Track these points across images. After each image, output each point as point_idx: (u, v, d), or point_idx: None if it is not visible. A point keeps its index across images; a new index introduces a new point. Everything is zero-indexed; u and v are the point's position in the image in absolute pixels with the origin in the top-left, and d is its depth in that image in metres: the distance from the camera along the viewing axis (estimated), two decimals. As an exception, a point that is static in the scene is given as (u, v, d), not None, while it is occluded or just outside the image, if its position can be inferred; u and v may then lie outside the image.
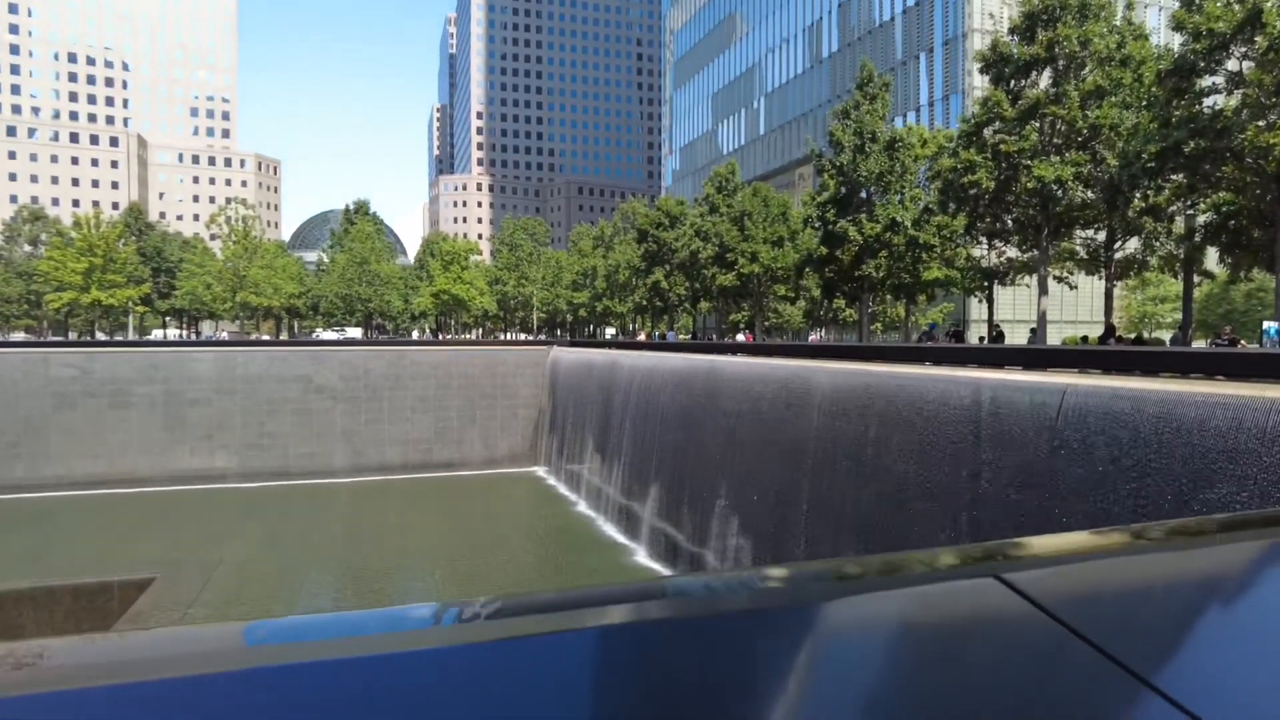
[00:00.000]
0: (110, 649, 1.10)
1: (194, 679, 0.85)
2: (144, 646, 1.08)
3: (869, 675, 0.97)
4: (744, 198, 46.81)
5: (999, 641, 1.06)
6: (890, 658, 1.02)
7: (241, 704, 0.80)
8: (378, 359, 28.87)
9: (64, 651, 1.07)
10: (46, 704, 0.80)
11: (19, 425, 25.08)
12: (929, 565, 1.33)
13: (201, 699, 0.81)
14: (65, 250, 60.99)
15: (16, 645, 0.98)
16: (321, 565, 18.27)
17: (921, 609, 1.14)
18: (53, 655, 1.04)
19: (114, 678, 0.88)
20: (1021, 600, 1.08)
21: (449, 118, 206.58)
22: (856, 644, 1.07)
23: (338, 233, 75.91)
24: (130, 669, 0.92)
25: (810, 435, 11.97)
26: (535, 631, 1.03)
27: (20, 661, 0.97)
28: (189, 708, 0.79)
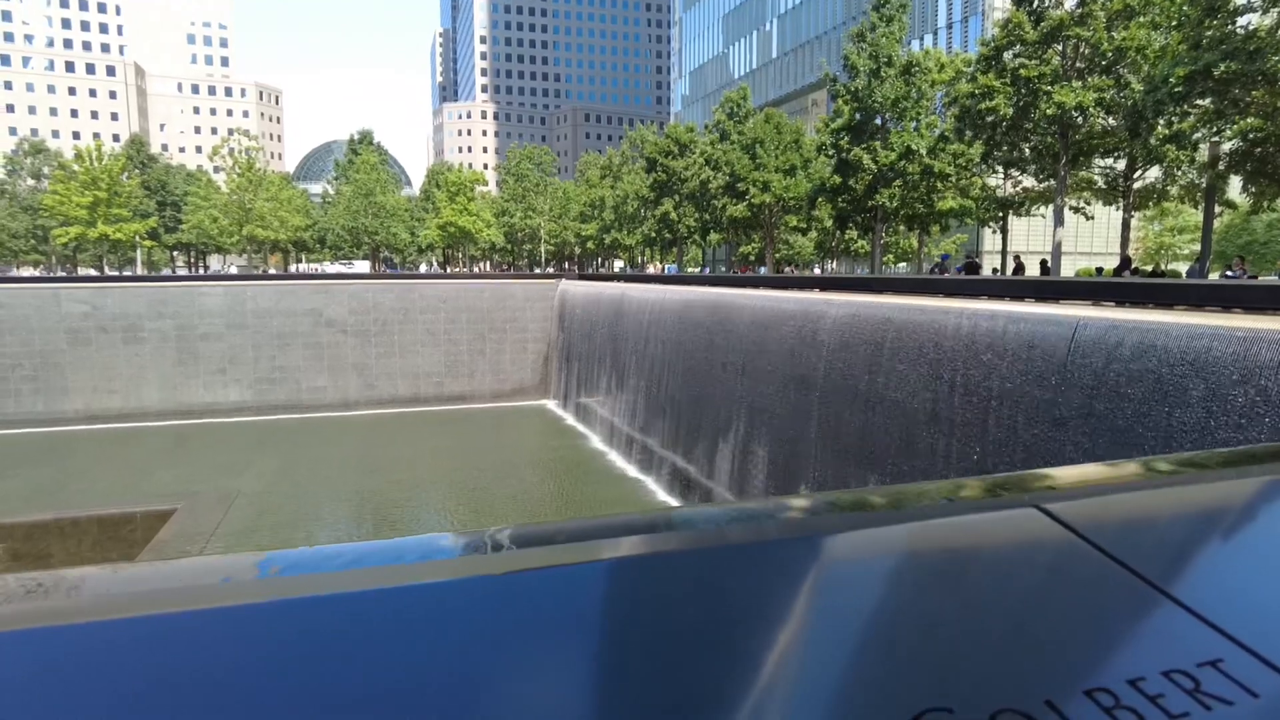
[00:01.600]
0: (138, 579, 1.12)
1: (219, 610, 0.87)
2: (169, 577, 1.10)
3: (907, 604, 0.97)
4: (756, 124, 45.76)
5: (1045, 570, 1.07)
6: (927, 587, 1.02)
7: (263, 635, 0.82)
8: (387, 292, 28.85)
9: (94, 581, 1.09)
10: (78, 635, 0.82)
11: (36, 360, 25.34)
12: (960, 494, 1.32)
13: (225, 630, 0.83)
14: (69, 184, 60.51)
15: (45, 574, 1.01)
16: (336, 496, 18.63)
17: (965, 537, 1.14)
18: (83, 585, 1.06)
19: (143, 609, 0.90)
20: (1064, 530, 1.08)
21: (452, 43, 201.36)
22: (885, 572, 1.06)
23: (342, 164, 74.97)
24: (157, 600, 0.94)
25: (820, 368, 11.96)
26: (544, 564, 1.04)
27: (51, 591, 0.99)
28: (215, 639, 0.81)
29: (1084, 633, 0.90)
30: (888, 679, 0.80)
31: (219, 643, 0.81)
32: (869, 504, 1.32)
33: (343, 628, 0.84)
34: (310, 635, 0.83)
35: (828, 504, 1.30)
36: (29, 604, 0.92)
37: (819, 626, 0.89)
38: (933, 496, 1.29)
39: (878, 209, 33.82)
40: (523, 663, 0.80)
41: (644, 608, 0.93)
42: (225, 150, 65.79)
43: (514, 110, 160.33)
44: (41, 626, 0.84)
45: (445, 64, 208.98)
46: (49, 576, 1.04)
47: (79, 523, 14.85)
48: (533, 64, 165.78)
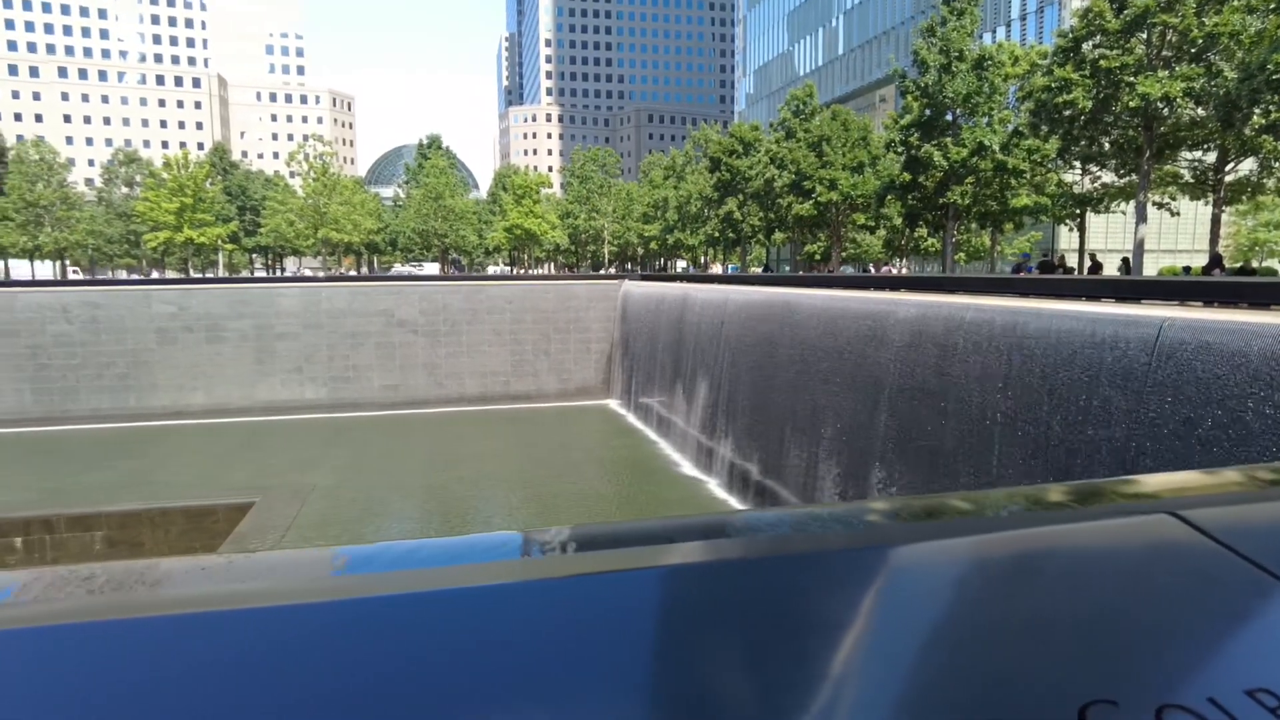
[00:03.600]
0: (219, 572, 1.16)
1: (291, 608, 0.91)
2: (248, 571, 1.15)
3: (1044, 606, 0.95)
4: (822, 122, 45.11)
5: (1188, 576, 1.04)
6: (1059, 591, 1.00)
7: (334, 631, 0.85)
8: (455, 293, 29.45)
9: (180, 572, 1.14)
10: (166, 626, 0.87)
11: (128, 358, 26.70)
12: (1083, 499, 1.28)
13: (297, 626, 0.87)
14: (158, 191, 63.58)
15: (137, 564, 1.07)
16: (406, 491, 19.10)
17: (1095, 542, 1.11)
18: (171, 576, 1.11)
19: (222, 604, 0.94)
20: (1203, 536, 1.06)
21: (517, 47, 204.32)
22: (1015, 577, 1.04)
23: (412, 168, 76.83)
24: (238, 596, 0.97)
25: (888, 369, 11.72)
26: (606, 568, 1.05)
27: (144, 581, 1.05)
28: (286, 634, 0.85)
29: (1238, 637, 0.89)
30: (1049, 672, 0.80)
31: (288, 640, 0.84)
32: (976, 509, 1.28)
33: (407, 628, 0.86)
34: (378, 634, 0.85)
35: (914, 509, 1.27)
36: (119, 595, 0.98)
37: (933, 632, 0.88)
38: (1035, 501, 1.26)
39: (949, 207, 32.97)
40: (584, 669, 0.80)
41: (707, 617, 0.92)
42: (301, 156, 68.13)
43: (578, 112, 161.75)
44: (131, 618, 0.89)
45: (511, 68, 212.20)
46: (141, 565, 1.09)
47: (167, 513, 15.58)
48: (596, 66, 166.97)
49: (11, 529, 15.06)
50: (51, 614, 0.91)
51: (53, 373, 26.21)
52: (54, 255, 71.81)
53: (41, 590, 1.02)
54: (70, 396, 26.32)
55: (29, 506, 16.29)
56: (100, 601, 0.94)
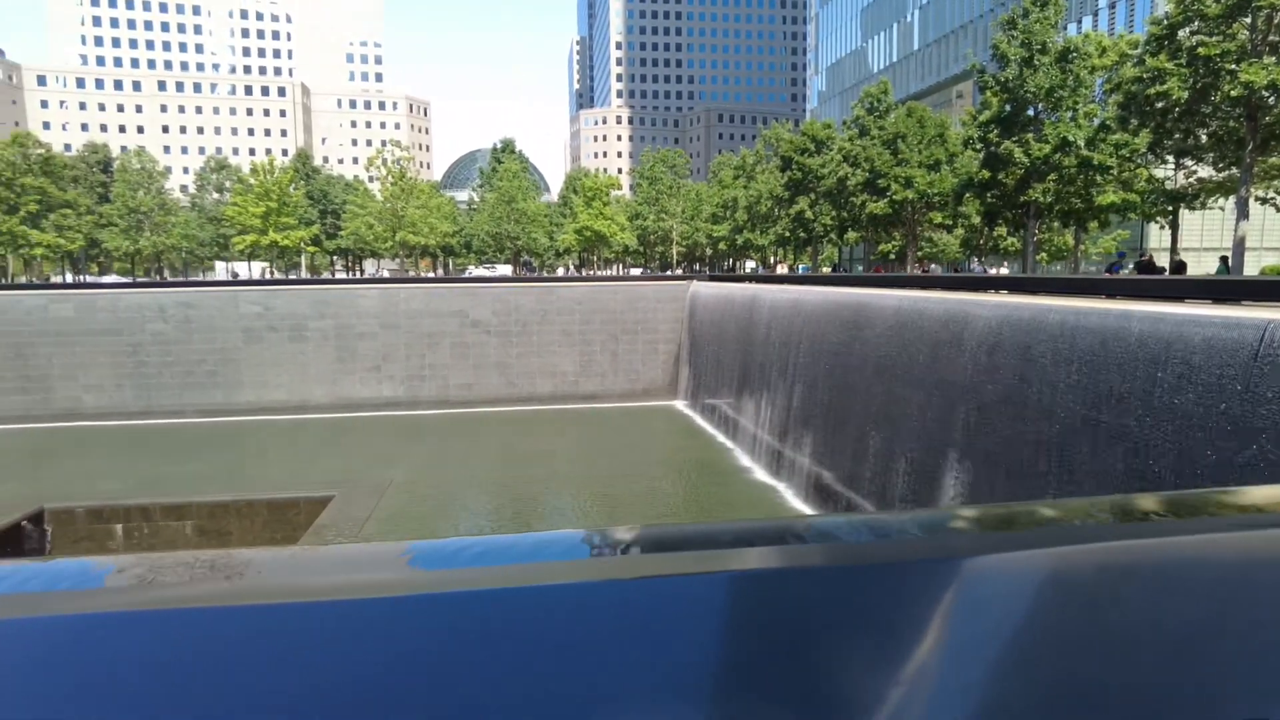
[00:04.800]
0: (300, 563, 1.21)
1: (365, 601, 0.95)
2: (327, 562, 1.19)
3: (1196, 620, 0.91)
4: (897, 119, 44.17)
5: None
6: (1209, 602, 0.94)
7: (406, 626, 0.88)
8: (526, 294, 29.90)
9: (264, 563, 1.19)
10: (250, 615, 0.92)
11: (217, 356, 28.00)
12: (1179, 510, 1.22)
13: (370, 619, 0.90)
14: (246, 196, 66.52)
15: (223, 554, 1.13)
16: (479, 487, 19.49)
17: (1188, 558, 1.06)
18: (256, 567, 1.16)
19: (301, 596, 0.97)
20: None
21: (588, 50, 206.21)
22: (1071, 596, 0.99)
23: (486, 172, 78.35)
24: (317, 588, 1.01)
25: (965, 373, 11.38)
26: (674, 571, 1.05)
27: (230, 571, 1.10)
28: (361, 626, 0.88)
29: None
30: (1136, 692, 0.77)
31: (360, 630, 0.87)
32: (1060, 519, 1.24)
33: (477, 623, 0.88)
34: (448, 629, 0.87)
35: (993, 518, 1.23)
36: (208, 584, 1.03)
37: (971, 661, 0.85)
38: (1126, 512, 1.20)
39: (1030, 205, 31.84)
40: (649, 672, 0.80)
41: (775, 625, 0.91)
42: (380, 161, 70.29)
43: (648, 114, 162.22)
44: (224, 606, 0.93)
45: (582, 71, 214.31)
46: (226, 555, 1.15)
47: (253, 505, 16.27)
48: (666, 67, 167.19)
49: (113, 516, 15.97)
50: (154, 600, 0.97)
51: (149, 369, 27.69)
52: (152, 258, 75.86)
53: (145, 574, 1.09)
54: (165, 392, 27.75)
55: (128, 495, 17.25)
56: (197, 590, 1.00)
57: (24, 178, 63.13)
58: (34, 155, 65.07)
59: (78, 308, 27.58)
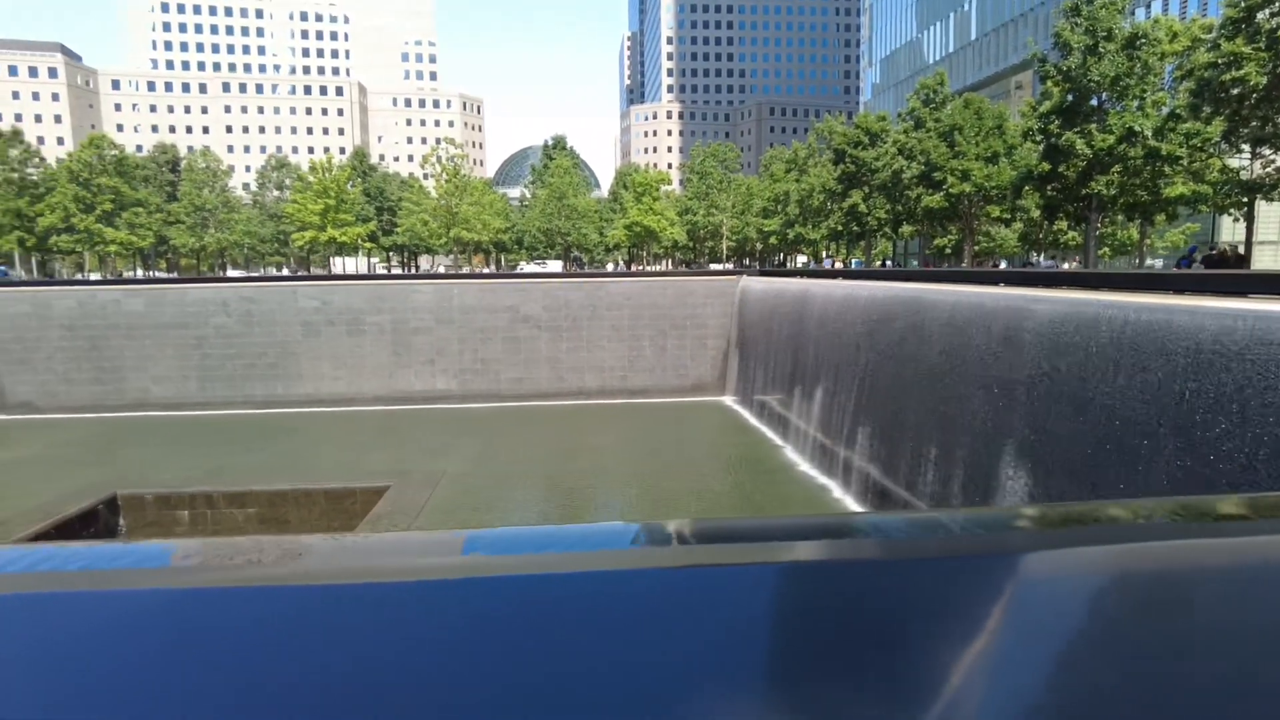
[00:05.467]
0: (358, 548, 1.24)
1: (422, 584, 0.99)
2: (382, 549, 1.22)
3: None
4: (954, 110, 43.20)
5: None
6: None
7: (458, 607, 0.92)
8: (576, 290, 30.08)
9: (323, 548, 1.23)
10: (309, 595, 0.98)
11: (277, 349, 28.83)
12: (1253, 512, 1.18)
13: (427, 600, 0.93)
14: (305, 193, 68.24)
15: (285, 539, 1.17)
16: (529, 480, 19.70)
17: (1260, 560, 1.02)
18: (315, 551, 1.20)
19: (361, 577, 1.01)
20: None
21: (639, 46, 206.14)
22: (1133, 595, 0.97)
23: (538, 168, 78.99)
24: (374, 570, 1.05)
25: (1023, 371, 11.10)
26: (720, 561, 1.05)
27: (290, 554, 1.14)
28: (417, 607, 0.92)
29: None
30: (1198, 696, 0.74)
31: (417, 611, 0.91)
32: (1122, 518, 1.21)
33: (528, 606, 0.90)
34: (499, 611, 0.90)
35: (1053, 516, 1.21)
36: (269, 567, 1.09)
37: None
38: (1195, 512, 1.17)
39: (1092, 198, 30.84)
40: (691, 660, 0.80)
41: (823, 617, 0.90)
42: (434, 158, 71.41)
43: (698, 108, 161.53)
44: (284, 585, 0.98)
45: (633, 66, 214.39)
46: (288, 540, 1.20)
47: (310, 494, 16.74)
48: (718, 61, 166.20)
49: (180, 503, 16.60)
50: (220, 579, 1.02)
51: (213, 361, 28.64)
52: (216, 254, 78.34)
53: (210, 556, 1.15)
54: (228, 383, 28.68)
55: (194, 483, 17.89)
56: (258, 571, 1.05)
57: (100, 178, 65.83)
58: (109, 156, 67.79)
59: (147, 302, 28.68)
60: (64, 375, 28.27)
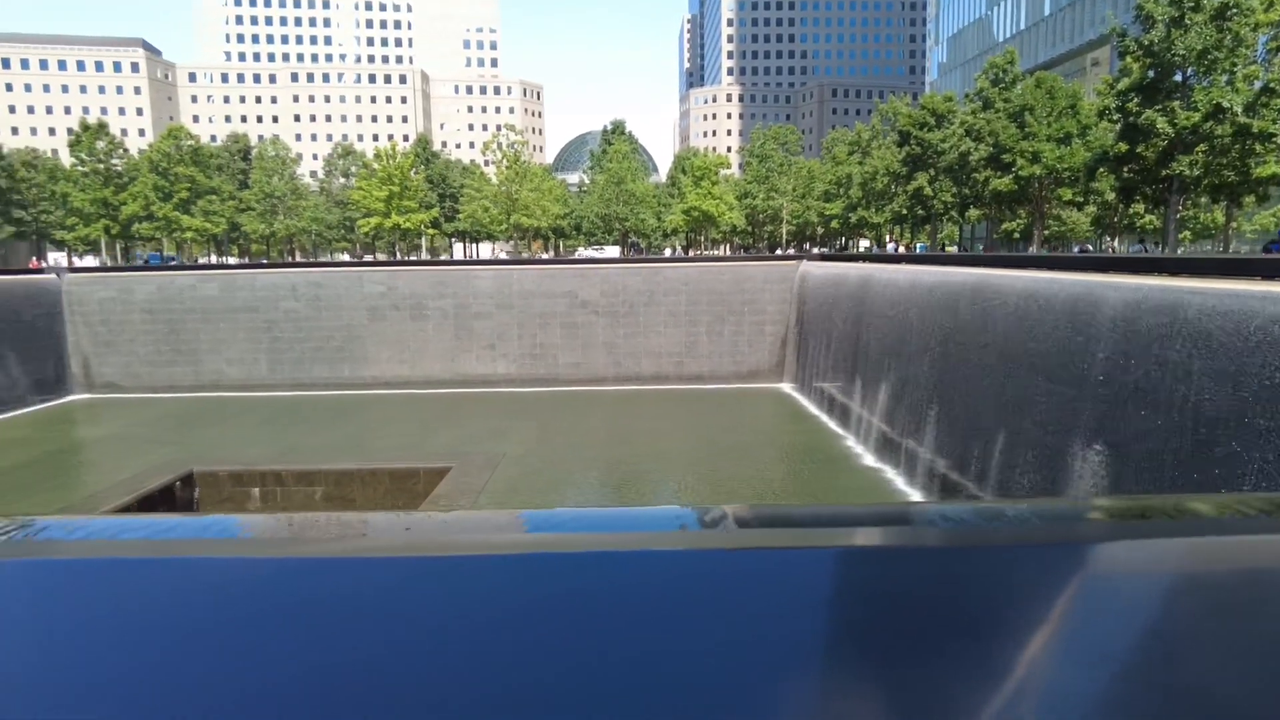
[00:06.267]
0: (418, 527, 1.27)
1: (482, 558, 1.02)
2: (443, 526, 1.25)
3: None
4: (1025, 90, 41.71)
5: None
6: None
7: (518, 582, 0.95)
8: (634, 275, 30.13)
9: (388, 524, 1.27)
10: (373, 566, 1.02)
11: (344, 333, 29.65)
12: None
13: (487, 574, 0.97)
14: (370, 180, 69.72)
15: (351, 515, 1.21)
16: (586, 463, 19.90)
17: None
18: (378, 528, 1.23)
19: (423, 551, 1.04)
20: None
21: (699, 29, 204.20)
22: (1200, 589, 0.93)
23: (596, 154, 79.10)
24: (436, 545, 1.08)
25: (1094, 360, 10.71)
26: (776, 544, 1.05)
27: (356, 531, 1.18)
28: (478, 581, 0.95)
29: None
30: (1261, 692, 0.71)
31: (481, 582, 0.94)
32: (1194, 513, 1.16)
33: (585, 584, 0.92)
34: (559, 584, 0.93)
35: (1120, 509, 1.17)
36: (338, 542, 1.14)
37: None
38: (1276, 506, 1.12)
39: (1173, 179, 29.47)
40: (747, 640, 0.80)
41: (880, 601, 0.89)
42: (495, 145, 72.13)
43: (759, 91, 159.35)
44: (349, 556, 1.02)
45: (693, 49, 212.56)
46: (354, 517, 1.24)
47: (376, 473, 17.23)
48: (779, 43, 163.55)
49: (251, 480, 17.25)
50: (289, 551, 1.07)
51: (283, 344, 29.62)
52: (284, 240, 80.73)
53: (281, 531, 1.20)
54: (297, 366, 29.63)
55: (265, 461, 18.57)
56: (330, 545, 1.10)
57: (177, 167, 68.41)
58: (185, 146, 70.34)
59: (222, 287, 29.77)
60: (145, 357, 29.60)
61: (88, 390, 29.41)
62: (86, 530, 1.18)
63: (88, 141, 66.91)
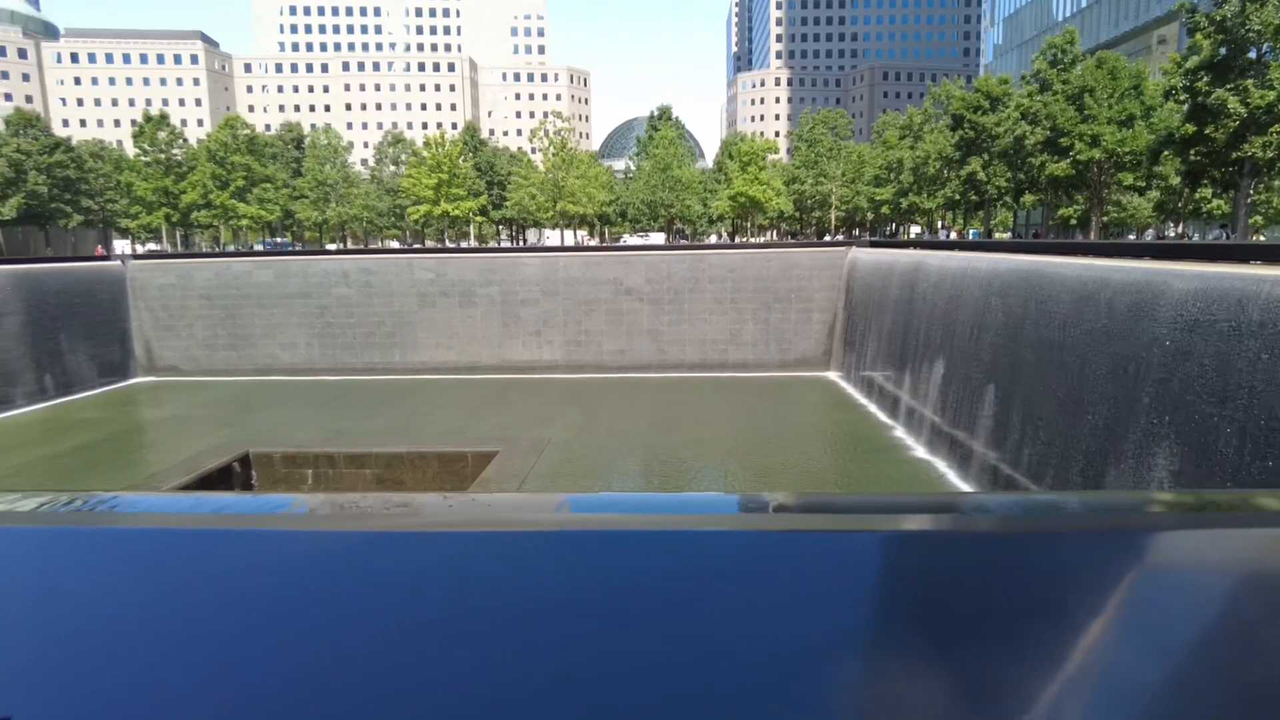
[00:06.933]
0: (468, 507, 1.30)
1: (526, 534, 1.05)
2: (492, 508, 1.28)
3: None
4: (1085, 71, 40.34)
5: None
6: None
7: (565, 555, 0.97)
8: (679, 262, 30.03)
9: (432, 505, 1.30)
10: (420, 539, 1.05)
11: (394, 319, 30.18)
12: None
13: (531, 551, 1.00)
14: (419, 168, 70.63)
15: (399, 495, 1.24)
16: (630, 450, 19.97)
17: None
18: (427, 508, 1.26)
19: (474, 526, 1.06)
20: None
21: (747, 12, 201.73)
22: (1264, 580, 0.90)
23: (643, 140, 78.90)
24: (486, 522, 1.10)
25: (1156, 353, 10.35)
26: (821, 528, 1.04)
27: (406, 510, 1.20)
28: (522, 557, 0.98)
29: None
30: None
31: (529, 557, 0.97)
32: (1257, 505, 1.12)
33: (626, 561, 0.94)
34: (601, 561, 0.94)
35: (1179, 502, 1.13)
36: (392, 518, 1.15)
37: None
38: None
39: (1245, 161, 28.27)
40: (795, 618, 0.80)
41: (925, 585, 0.88)
42: (542, 133, 72.43)
43: (808, 74, 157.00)
44: (402, 530, 1.05)
45: (740, 33, 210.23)
46: (403, 497, 1.27)
47: (425, 457, 17.55)
48: (829, 25, 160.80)
49: (304, 462, 17.71)
50: (343, 525, 1.10)
51: (335, 330, 30.27)
52: (336, 227, 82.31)
53: (336, 508, 1.24)
54: (348, 351, 30.27)
55: (317, 444, 19.04)
56: (380, 522, 1.13)
57: (233, 156, 70.19)
58: (241, 136, 72.11)
59: (276, 273, 30.51)
60: (203, 341, 30.53)
61: (150, 373, 30.46)
62: (151, 505, 1.24)
63: (150, 132, 69.04)
